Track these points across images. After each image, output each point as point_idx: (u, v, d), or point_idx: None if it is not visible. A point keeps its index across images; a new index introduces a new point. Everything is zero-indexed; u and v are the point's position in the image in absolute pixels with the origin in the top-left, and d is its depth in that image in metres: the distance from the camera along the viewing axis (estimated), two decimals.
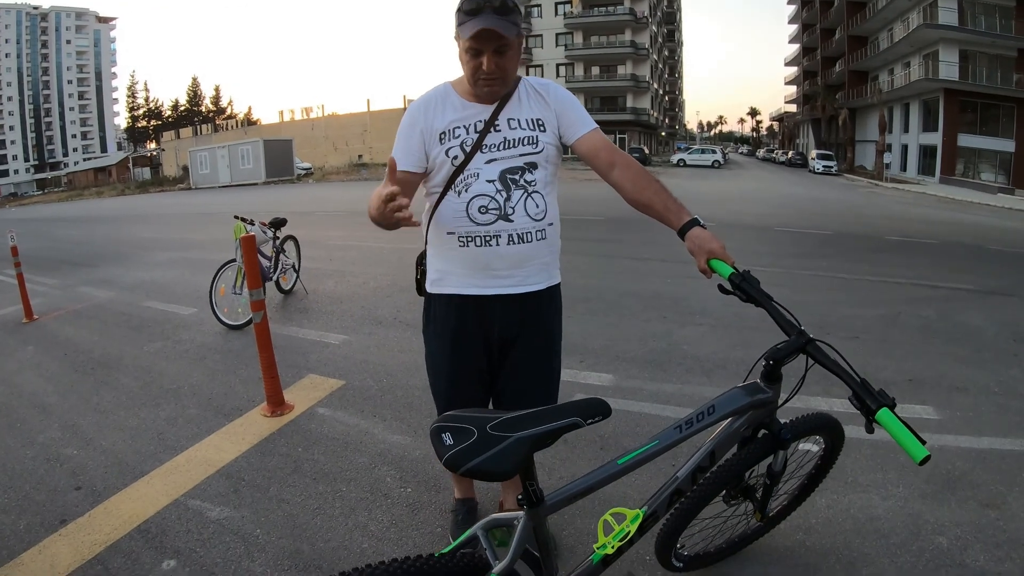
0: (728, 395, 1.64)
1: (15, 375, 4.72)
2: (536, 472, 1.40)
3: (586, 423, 1.36)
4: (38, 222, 21.50)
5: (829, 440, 2.08)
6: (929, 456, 1.24)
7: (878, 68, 41.21)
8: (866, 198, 22.22)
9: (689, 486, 1.69)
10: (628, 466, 1.51)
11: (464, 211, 1.84)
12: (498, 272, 1.88)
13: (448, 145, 1.84)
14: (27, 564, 2.43)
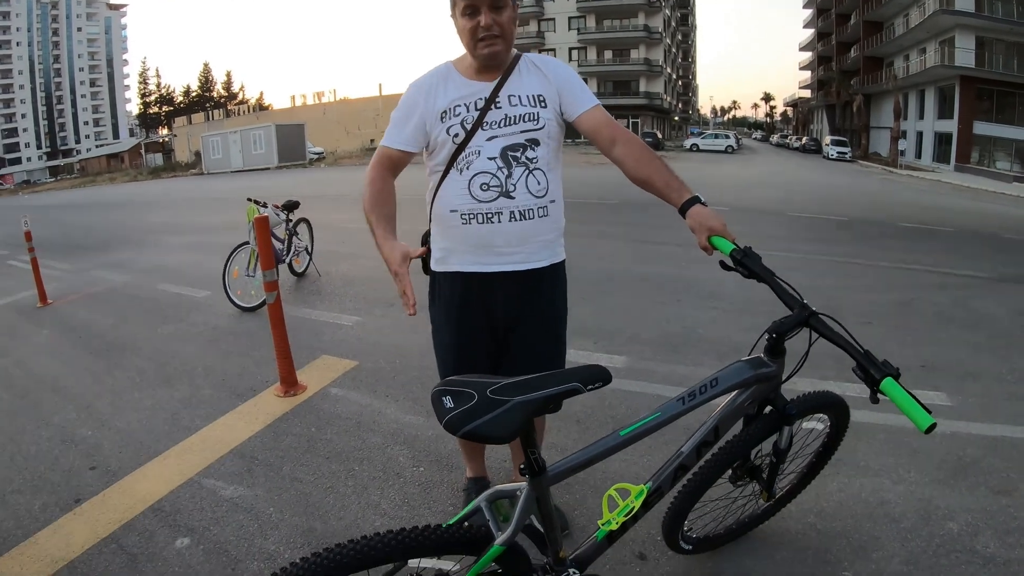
0: (731, 368, 1.63)
1: (30, 358, 4.78)
2: (538, 440, 1.41)
3: (586, 389, 1.35)
4: (51, 208, 21.65)
5: (834, 419, 2.07)
6: (935, 424, 1.25)
7: (893, 54, 40.64)
8: (880, 185, 22.03)
9: (694, 461, 1.69)
10: (630, 438, 1.52)
11: (466, 188, 1.84)
12: (500, 249, 1.88)
13: (449, 123, 1.83)
14: (42, 543, 2.47)
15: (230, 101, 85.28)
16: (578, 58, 55.55)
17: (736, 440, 1.80)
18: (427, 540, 1.34)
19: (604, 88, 56.25)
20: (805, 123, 67.84)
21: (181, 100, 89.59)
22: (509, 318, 1.98)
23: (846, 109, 48.76)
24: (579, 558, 1.66)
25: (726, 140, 45.76)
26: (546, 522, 1.52)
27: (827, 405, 1.98)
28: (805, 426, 2.10)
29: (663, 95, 58.78)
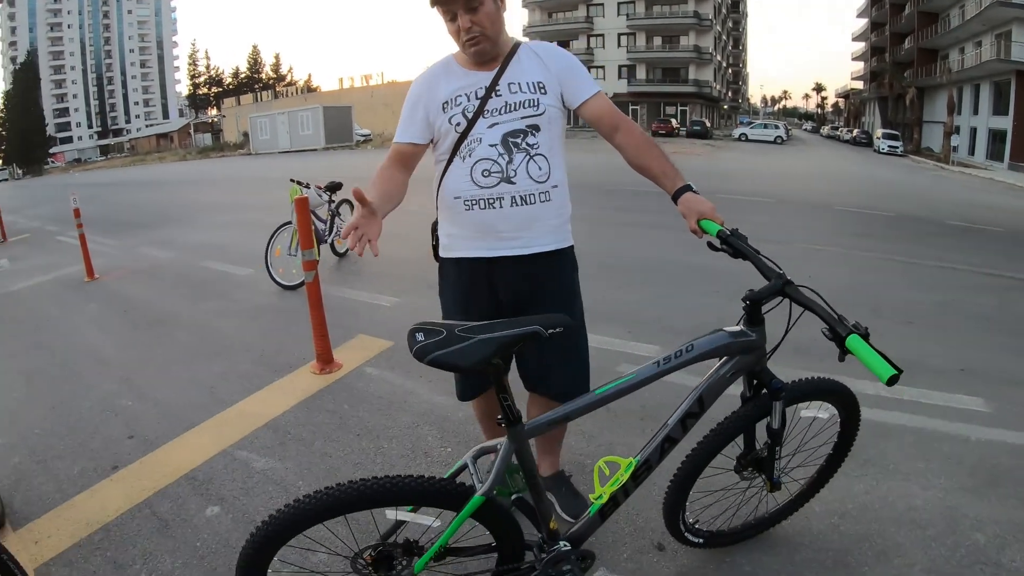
0: (709, 336, 1.67)
1: (76, 331, 4.97)
2: (510, 388, 1.48)
3: (547, 332, 1.43)
4: (101, 186, 22.33)
5: (842, 410, 2.03)
6: (897, 375, 1.32)
7: (948, 46, 39.14)
8: (931, 181, 21.35)
9: (680, 434, 1.71)
10: (605, 397, 1.60)
11: (468, 175, 1.88)
12: (503, 234, 1.91)
13: (451, 113, 1.88)
14: (79, 506, 2.60)
15: (278, 83, 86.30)
16: (627, 44, 54.95)
17: (728, 419, 1.82)
18: (412, 488, 1.46)
19: (652, 75, 55.49)
20: (856, 115, 65.93)
21: (230, 81, 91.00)
22: (516, 303, 2.00)
23: (899, 102, 47.23)
24: (573, 536, 1.70)
25: (775, 131, 44.60)
26: (530, 481, 1.58)
27: (827, 392, 1.96)
28: (805, 414, 2.06)
29: (712, 83, 57.71)
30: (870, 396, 3.29)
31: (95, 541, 2.37)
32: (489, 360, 1.41)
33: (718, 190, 12.94)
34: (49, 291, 6.44)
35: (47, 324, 5.25)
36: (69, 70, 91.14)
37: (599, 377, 3.45)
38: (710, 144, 36.75)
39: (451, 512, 1.54)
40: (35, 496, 2.70)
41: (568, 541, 1.69)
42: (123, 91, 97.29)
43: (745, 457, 1.94)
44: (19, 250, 9.84)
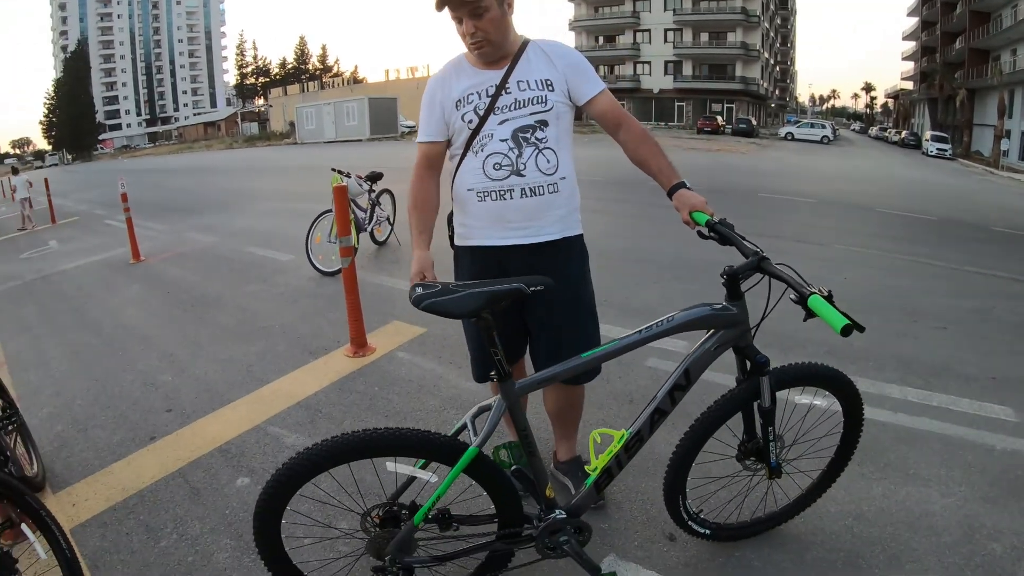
0: (691, 308, 1.76)
1: (121, 309, 5.18)
2: (499, 346, 1.59)
3: (529, 290, 1.57)
4: (149, 172, 22.97)
5: (843, 400, 2.05)
6: (849, 325, 1.43)
7: (1000, 47, 37.76)
8: (978, 185, 20.73)
9: (669, 406, 1.80)
10: (591, 360, 1.71)
11: (480, 168, 1.98)
12: (513, 224, 2.01)
13: (463, 111, 1.98)
14: (116, 473, 2.75)
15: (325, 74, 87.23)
16: (673, 39, 54.35)
17: (721, 400, 1.88)
18: (414, 440, 1.62)
19: (699, 71, 54.76)
20: (906, 116, 64.28)
21: (277, 72, 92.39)
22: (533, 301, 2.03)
23: (949, 104, 45.85)
24: (570, 508, 1.79)
25: (822, 130, 43.62)
26: (524, 441, 1.71)
27: (821, 377, 1.98)
28: (800, 400, 2.08)
29: (759, 80, 56.70)
30: (896, 400, 3.28)
31: (129, 505, 2.51)
32: (478, 312, 1.53)
33: (760, 188, 12.79)
34: (96, 272, 6.71)
35: (93, 302, 5.48)
36: (119, 59, 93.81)
37: (627, 371, 3.53)
38: (755, 143, 36.15)
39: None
40: (75, 462, 2.87)
41: (565, 512, 1.78)
42: (171, 80, 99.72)
43: (745, 445, 1.99)
44: (68, 232, 10.23)
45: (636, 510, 2.39)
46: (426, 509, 1.67)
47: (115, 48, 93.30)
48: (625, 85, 54.26)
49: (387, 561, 1.69)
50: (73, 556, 1.75)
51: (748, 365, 1.86)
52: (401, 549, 1.69)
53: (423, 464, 1.71)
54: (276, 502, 1.62)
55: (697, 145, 29.18)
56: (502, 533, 1.76)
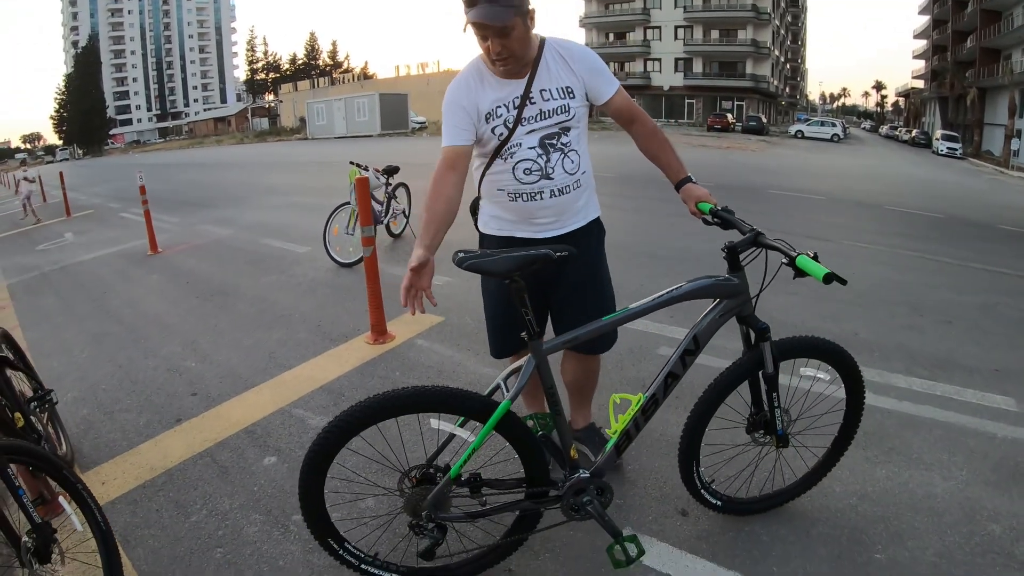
0: (697, 279, 1.93)
1: (141, 299, 5.30)
2: (531, 308, 1.73)
3: (555, 255, 1.72)
4: (161, 167, 23.14)
5: (843, 373, 2.16)
6: (830, 274, 1.67)
7: (1012, 46, 37.45)
8: (987, 185, 20.66)
9: (681, 370, 1.95)
10: (611, 323, 1.88)
11: (511, 174, 2.12)
12: (542, 220, 2.18)
13: (493, 124, 2.07)
14: (144, 453, 2.86)
15: (335, 69, 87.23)
16: (683, 36, 54.10)
17: (728, 368, 2.03)
18: (453, 397, 1.78)
19: (709, 68, 54.56)
20: (916, 115, 63.88)
21: (287, 67, 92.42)
22: (550, 275, 2.23)
23: (959, 103, 45.57)
24: (594, 469, 1.92)
25: (832, 128, 43.39)
26: (550, 399, 1.83)
27: (822, 350, 2.10)
28: (805, 372, 2.19)
29: (770, 78, 56.45)
30: (901, 389, 3.35)
31: (158, 484, 2.62)
32: (512, 273, 1.69)
33: (770, 185, 12.82)
34: (114, 263, 6.83)
35: (113, 292, 5.60)
36: (129, 54, 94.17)
37: (640, 359, 3.62)
38: (765, 140, 36.07)
39: None
40: (102, 443, 2.97)
41: (588, 473, 1.91)
42: (182, 75, 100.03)
43: (754, 417, 2.13)
44: (83, 225, 10.36)
45: (650, 487, 2.49)
46: (462, 462, 1.79)
47: (126, 44, 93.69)
48: (635, 82, 54.05)
49: (424, 517, 1.82)
50: (108, 529, 1.84)
51: (752, 336, 2.01)
52: (437, 505, 1.81)
53: (461, 423, 1.84)
54: (326, 454, 1.74)
55: (707, 142, 29.15)
56: (530, 492, 1.89)
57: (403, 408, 1.75)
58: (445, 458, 1.90)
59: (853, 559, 2.11)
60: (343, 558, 1.88)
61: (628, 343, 3.82)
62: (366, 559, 1.91)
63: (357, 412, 1.72)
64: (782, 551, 2.14)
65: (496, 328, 2.43)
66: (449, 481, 1.80)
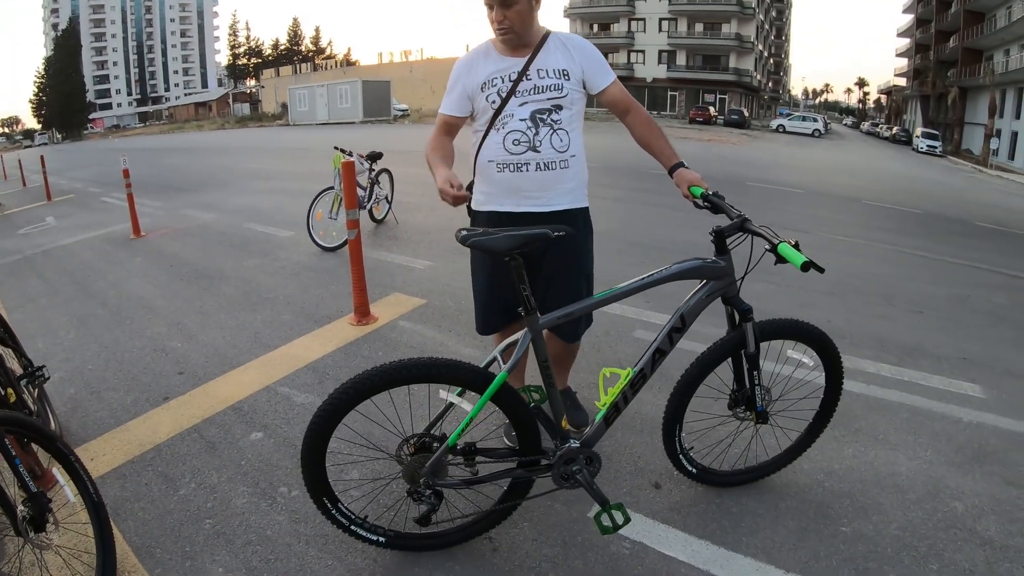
0: (684, 261, 2.03)
1: (124, 281, 5.29)
2: (528, 282, 1.83)
3: (553, 234, 1.81)
4: (142, 151, 22.86)
5: (822, 355, 2.27)
6: (808, 262, 1.75)
7: (994, 47, 38.00)
8: (966, 182, 21.01)
9: (668, 346, 2.05)
10: (602, 300, 1.96)
11: (501, 144, 2.24)
12: (528, 194, 2.28)
13: (488, 92, 2.24)
14: (132, 430, 2.90)
15: (318, 56, 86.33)
16: (668, 29, 54.13)
17: (713, 345, 2.14)
18: (452, 368, 1.85)
19: (693, 61, 54.70)
20: (898, 112, 64.59)
21: (270, 53, 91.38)
22: (536, 255, 2.32)
23: (941, 101, 46.17)
24: (584, 439, 2.01)
25: (813, 123, 43.72)
26: (544, 373, 1.91)
27: (802, 333, 2.22)
28: (792, 354, 2.29)
29: (753, 72, 56.70)
30: (870, 374, 3.47)
31: (147, 459, 2.66)
32: (512, 250, 1.77)
33: (749, 178, 12.98)
34: (97, 247, 6.79)
35: (97, 275, 5.58)
36: (110, 38, 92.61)
37: (616, 341, 3.71)
38: (746, 134, 36.31)
39: None
40: (90, 421, 3.00)
41: (578, 442, 2.00)
42: (163, 59, 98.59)
43: (736, 393, 2.24)
44: (64, 209, 10.25)
45: (625, 462, 2.59)
46: (460, 431, 1.87)
47: (106, 27, 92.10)
48: (619, 73, 51.35)
49: (421, 484, 1.90)
50: (100, 500, 1.88)
51: (736, 317, 2.11)
52: (434, 472, 1.90)
53: (459, 394, 1.92)
54: (330, 419, 1.82)
55: (689, 134, 29.29)
56: (523, 460, 1.98)
57: (407, 378, 1.83)
58: (440, 429, 1.98)
59: (820, 531, 2.21)
60: (334, 518, 1.95)
61: (604, 326, 3.91)
62: (356, 520, 1.98)
63: (362, 381, 1.80)
64: (751, 523, 2.24)
65: (483, 304, 2.52)
66: (447, 449, 1.89)
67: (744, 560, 2.07)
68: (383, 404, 1.93)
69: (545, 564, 2.05)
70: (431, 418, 1.98)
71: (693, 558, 2.07)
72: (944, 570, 2.06)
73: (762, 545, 2.13)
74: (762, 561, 2.07)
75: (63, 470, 1.85)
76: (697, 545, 2.13)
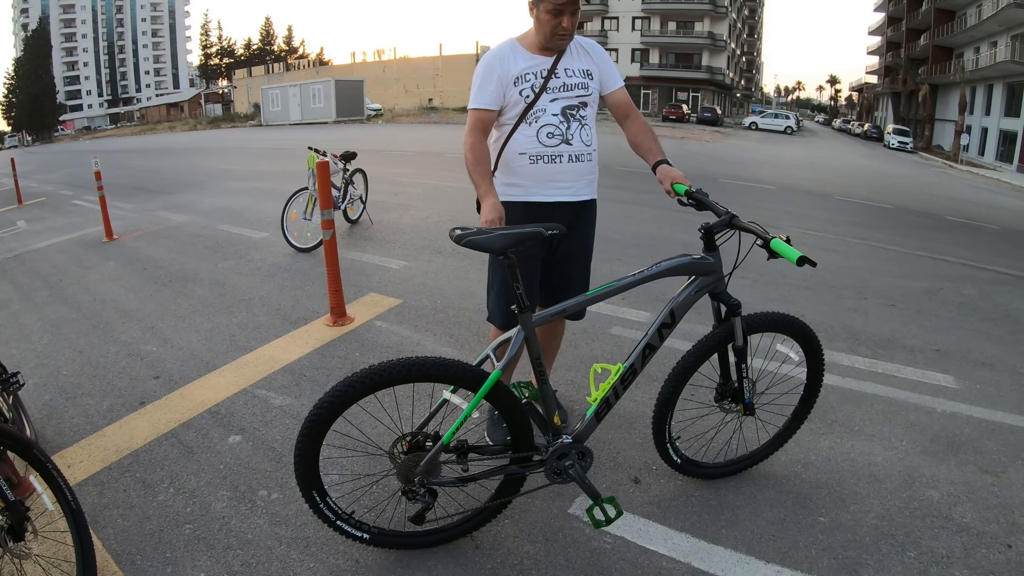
0: (674, 258, 2.06)
1: (98, 285, 5.21)
2: (520, 281, 1.84)
3: (546, 233, 1.84)
4: (113, 153, 22.47)
5: (805, 347, 2.32)
6: (803, 257, 1.78)
7: (964, 45, 38.77)
8: (936, 178, 21.39)
9: (658, 341, 2.07)
10: (594, 297, 2.01)
11: (535, 136, 2.34)
12: (560, 183, 2.39)
13: (521, 87, 2.32)
14: (109, 436, 2.85)
15: (291, 55, 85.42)
16: (641, 28, 54.50)
17: (702, 340, 2.17)
18: (446, 367, 1.86)
19: (666, 60, 55.15)
20: (869, 109, 65.64)
21: (242, 53, 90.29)
22: (558, 241, 2.42)
23: (911, 98, 46.95)
24: (575, 434, 2.03)
25: (785, 121, 44.29)
26: (536, 369, 1.94)
27: (787, 326, 2.26)
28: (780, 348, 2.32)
29: (725, 70, 57.31)
30: (844, 367, 3.52)
31: (124, 465, 2.61)
32: (506, 249, 1.79)
33: (721, 175, 13.09)
34: (69, 250, 6.67)
35: (70, 279, 5.48)
36: (80, 38, 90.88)
37: (593, 339, 3.73)
38: (719, 131, 36.68)
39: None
40: (66, 428, 2.94)
41: (570, 438, 2.01)
42: (134, 60, 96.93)
43: (722, 386, 2.27)
44: (35, 212, 10.04)
45: (605, 457, 2.60)
46: (455, 429, 1.88)
47: (77, 27, 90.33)
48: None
49: (416, 482, 1.90)
50: (78, 508, 1.83)
51: (723, 312, 2.14)
52: (429, 471, 1.91)
53: (452, 391, 1.93)
54: (323, 421, 1.82)
55: (662, 132, 29.47)
56: (516, 457, 1.99)
57: (401, 378, 1.83)
58: (432, 428, 1.99)
59: (798, 521, 2.25)
60: (321, 512, 1.94)
61: (582, 323, 3.92)
62: (342, 516, 1.97)
63: (357, 381, 1.80)
64: (731, 515, 2.27)
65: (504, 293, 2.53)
66: (441, 447, 1.89)
67: (724, 552, 2.09)
68: (366, 402, 1.91)
69: (527, 561, 2.05)
70: (416, 416, 1.99)
71: (674, 551, 2.09)
72: (922, 557, 2.10)
73: (742, 537, 2.16)
74: (742, 552, 2.09)
75: (40, 478, 1.81)
76: (678, 538, 2.15)
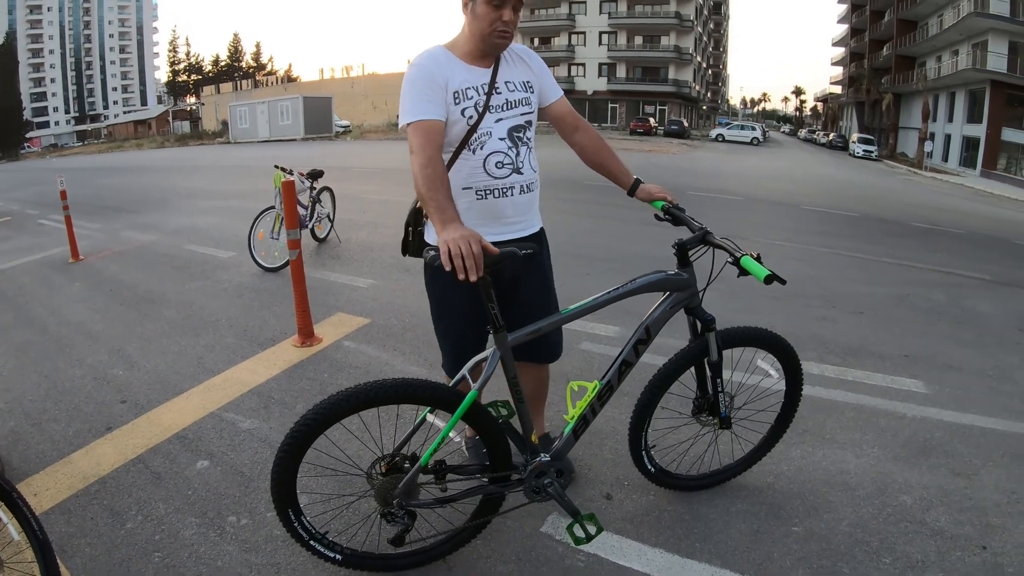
0: (648, 274, 2.04)
1: (63, 307, 5.09)
2: (495, 299, 1.77)
3: (520, 252, 1.76)
4: (80, 171, 22.05)
5: (782, 360, 2.33)
6: (772, 274, 1.79)
7: (926, 54, 39.87)
8: (901, 185, 21.85)
9: (634, 358, 2.06)
10: (570, 315, 1.96)
11: (481, 167, 2.00)
12: (509, 219, 2.09)
13: (463, 105, 1.95)
14: (75, 462, 2.77)
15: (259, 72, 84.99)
16: (608, 42, 55.17)
17: (677, 355, 2.17)
18: (422, 389, 1.82)
19: (633, 74, 55.84)
20: (834, 119, 66.90)
21: (210, 69, 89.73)
22: (512, 280, 2.15)
23: (876, 107, 48.01)
24: (553, 452, 2.01)
25: (752, 132, 45.09)
26: (513, 390, 1.90)
27: (762, 340, 2.26)
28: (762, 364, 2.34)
29: (692, 83, 58.22)
30: (814, 375, 3.55)
31: (92, 492, 2.55)
32: (487, 281, 1.72)
33: (689, 187, 13.23)
34: (34, 271, 6.51)
35: (35, 301, 5.35)
36: (47, 54, 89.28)
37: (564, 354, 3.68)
38: (686, 144, 37.18)
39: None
40: (32, 455, 2.86)
41: (548, 456, 1.99)
42: (101, 76, 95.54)
43: (699, 400, 2.27)
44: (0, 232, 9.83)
45: (577, 473, 2.59)
46: (432, 450, 1.85)
47: (44, 42, 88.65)
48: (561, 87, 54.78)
49: (395, 505, 1.88)
50: (44, 537, 1.77)
51: (698, 326, 2.13)
52: (407, 493, 1.88)
53: (429, 412, 1.91)
54: (301, 443, 1.80)
55: (630, 146, 29.77)
56: (494, 476, 1.96)
57: (378, 399, 1.80)
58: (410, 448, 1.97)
59: (772, 532, 2.25)
60: (295, 530, 1.91)
61: None
62: (315, 535, 1.95)
63: (342, 400, 1.77)
64: (703, 528, 2.27)
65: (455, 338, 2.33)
66: (419, 469, 1.86)
67: (699, 566, 2.09)
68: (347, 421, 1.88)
69: None
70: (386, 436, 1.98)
71: (648, 567, 2.09)
72: (897, 563, 2.12)
73: (716, 550, 2.16)
74: (716, 566, 2.09)
75: (5, 507, 1.75)
76: (651, 554, 2.15)
